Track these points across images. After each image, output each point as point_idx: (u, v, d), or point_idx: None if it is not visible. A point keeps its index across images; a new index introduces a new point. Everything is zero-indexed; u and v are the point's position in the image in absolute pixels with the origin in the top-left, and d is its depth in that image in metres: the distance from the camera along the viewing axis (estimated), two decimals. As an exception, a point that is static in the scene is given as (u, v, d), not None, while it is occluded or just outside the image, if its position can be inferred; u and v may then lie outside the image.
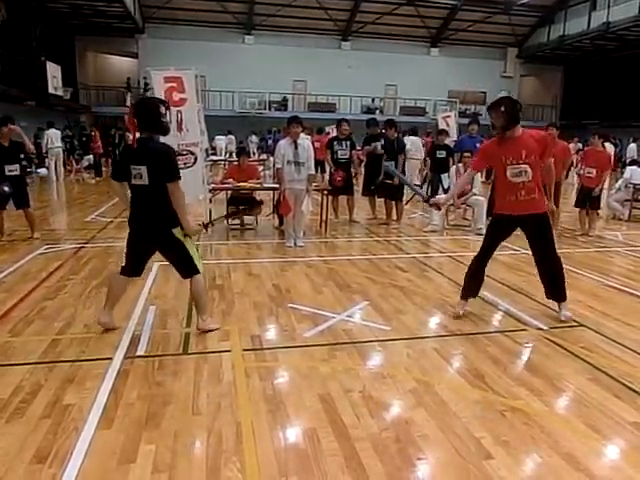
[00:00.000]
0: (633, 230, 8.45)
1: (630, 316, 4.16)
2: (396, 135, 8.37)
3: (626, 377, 3.06)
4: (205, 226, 3.60)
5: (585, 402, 2.79)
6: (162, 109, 3.38)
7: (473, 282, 4.08)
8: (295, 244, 6.54)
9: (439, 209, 4.09)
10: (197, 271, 3.50)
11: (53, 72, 16.84)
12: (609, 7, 21.62)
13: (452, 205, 8.07)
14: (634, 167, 9.86)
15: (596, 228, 7.97)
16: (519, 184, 3.73)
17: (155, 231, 3.39)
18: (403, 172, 8.32)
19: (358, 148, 9.04)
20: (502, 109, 3.65)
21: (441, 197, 4.06)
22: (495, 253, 4.10)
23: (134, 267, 3.59)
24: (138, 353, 3.28)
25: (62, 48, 20.56)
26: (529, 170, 3.69)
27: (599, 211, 8.33)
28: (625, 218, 9.33)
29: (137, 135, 3.63)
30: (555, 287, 3.97)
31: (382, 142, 8.15)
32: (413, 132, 13.10)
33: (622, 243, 7.36)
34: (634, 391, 2.90)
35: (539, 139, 3.77)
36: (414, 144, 11.94)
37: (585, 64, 26.48)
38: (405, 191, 8.57)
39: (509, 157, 3.71)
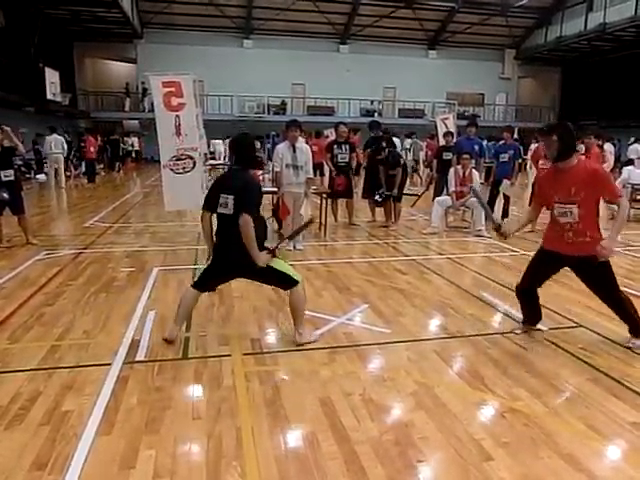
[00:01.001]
0: (632, 230, 8.45)
1: (630, 316, 4.15)
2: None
3: (625, 377, 3.06)
4: (273, 252, 3.47)
5: (585, 403, 2.79)
6: (257, 144, 3.56)
7: (527, 307, 3.75)
8: (294, 247, 6.54)
9: (506, 238, 3.71)
10: (295, 282, 3.47)
11: (51, 78, 16.88)
12: (605, 8, 21.70)
13: (451, 207, 8.10)
14: (631, 167, 9.87)
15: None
16: (566, 225, 3.33)
17: (239, 261, 3.36)
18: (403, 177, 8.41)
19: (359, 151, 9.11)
20: (554, 138, 3.22)
21: (511, 227, 3.76)
22: (494, 255, 4.09)
23: (209, 287, 3.65)
24: (137, 358, 3.27)
25: (60, 54, 20.61)
26: (575, 210, 3.24)
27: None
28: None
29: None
30: (633, 323, 3.52)
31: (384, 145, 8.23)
32: (394, 135, 13.44)
33: (621, 243, 7.35)
34: (634, 391, 2.90)
35: (597, 175, 3.26)
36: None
37: (583, 65, 26.53)
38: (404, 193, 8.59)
39: (557, 193, 3.32)
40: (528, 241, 6.94)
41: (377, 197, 8.22)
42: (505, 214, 8.64)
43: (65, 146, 14.44)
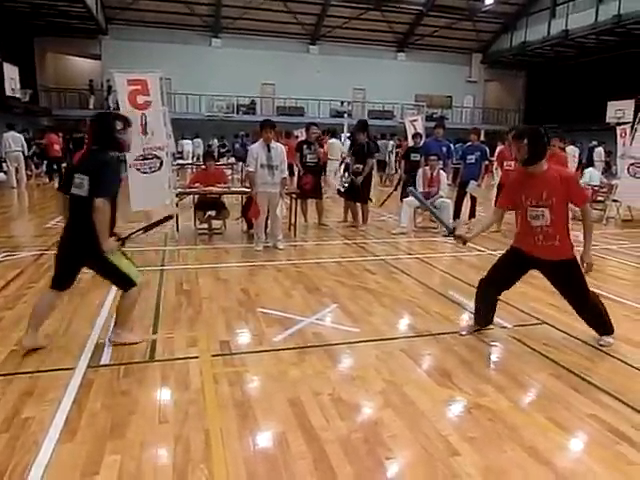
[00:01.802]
0: (593, 230, 8.73)
1: (590, 313, 4.29)
2: (366, 139, 8.42)
3: (585, 371, 3.16)
4: (122, 241, 3.35)
5: (547, 397, 2.87)
6: (119, 124, 3.26)
7: (482, 305, 3.72)
8: (275, 247, 6.56)
9: (464, 243, 3.70)
10: (132, 285, 3.35)
11: (10, 73, 16.29)
12: (567, 15, 22.38)
13: (420, 207, 8.20)
14: (592, 169, 10.22)
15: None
16: (537, 228, 3.35)
17: (84, 245, 3.20)
18: (370, 174, 8.43)
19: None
20: (525, 142, 3.23)
21: (468, 234, 3.72)
22: (461, 254, 4.16)
23: (63, 281, 3.40)
24: (102, 362, 3.20)
25: (20, 49, 19.91)
26: (547, 214, 3.28)
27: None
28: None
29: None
30: (599, 324, 3.59)
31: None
32: (333, 134, 13.74)
33: (581, 242, 7.59)
34: (594, 385, 2.99)
35: (567, 179, 3.30)
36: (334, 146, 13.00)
37: (546, 70, 27.30)
38: (372, 193, 8.65)
39: (529, 197, 3.32)
40: (494, 241, 7.10)
41: (339, 186, 8.33)
42: (472, 215, 8.81)
43: (24, 144, 13.97)
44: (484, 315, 3.75)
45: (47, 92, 23.76)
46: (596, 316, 3.54)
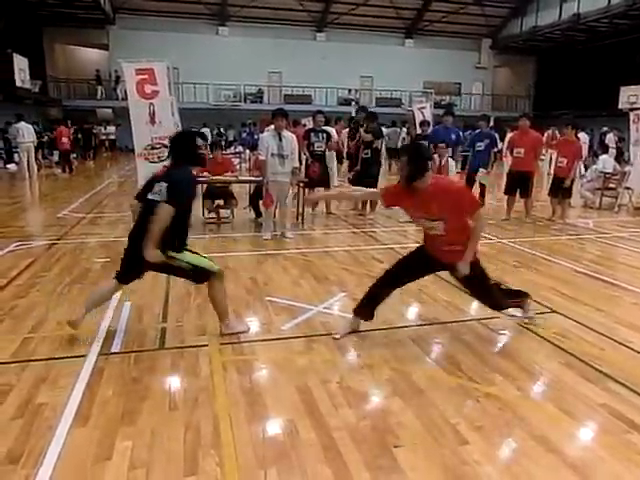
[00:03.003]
0: (603, 217, 8.66)
1: (599, 301, 4.27)
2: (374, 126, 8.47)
3: (596, 360, 3.15)
4: (167, 257, 3.26)
5: (557, 386, 2.86)
6: (200, 142, 3.38)
7: (370, 296, 3.53)
8: (283, 235, 6.57)
9: (313, 206, 3.64)
10: (208, 276, 3.33)
11: (20, 65, 16.35)
12: (579, -1, 22.00)
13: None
14: (605, 156, 10.10)
15: (568, 216, 8.17)
16: (434, 236, 3.30)
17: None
18: (379, 162, 8.46)
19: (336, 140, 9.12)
20: (404, 159, 3.17)
21: (318, 193, 3.64)
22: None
23: (128, 278, 3.47)
24: (113, 349, 3.23)
25: (29, 40, 19.95)
26: (441, 225, 3.20)
27: (570, 200, 8.55)
28: (596, 206, 9.55)
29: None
30: (503, 305, 3.62)
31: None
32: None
33: (593, 230, 7.53)
34: (603, 374, 2.98)
35: (453, 192, 3.19)
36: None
37: (557, 55, 26.89)
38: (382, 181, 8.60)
39: (418, 211, 3.28)
40: (503, 229, 7.06)
41: (350, 175, 8.39)
42: (482, 203, 8.75)
43: (34, 134, 14.05)
44: (368, 307, 3.54)
45: (56, 83, 23.86)
46: (498, 302, 3.55)
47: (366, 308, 3.54)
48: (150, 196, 3.20)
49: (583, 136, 13.04)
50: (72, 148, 15.74)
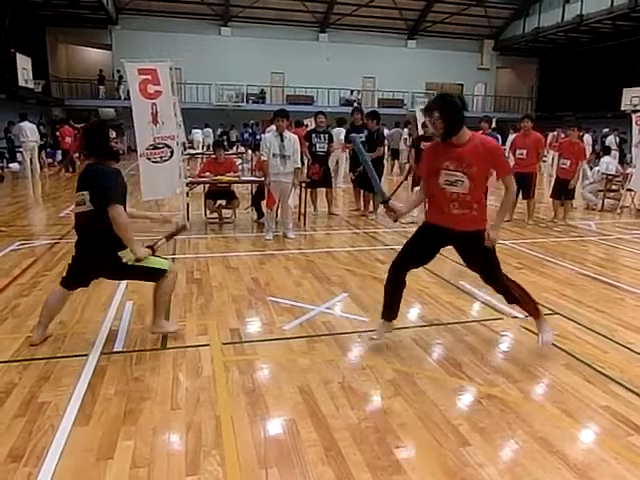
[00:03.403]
0: (606, 219, 8.65)
1: (602, 303, 4.26)
2: (377, 127, 8.35)
3: (598, 362, 3.14)
4: (152, 248, 3.25)
5: (559, 388, 2.86)
6: (112, 133, 3.14)
7: (390, 293, 3.39)
8: (285, 236, 6.57)
9: (395, 220, 3.43)
10: (163, 272, 3.23)
11: (23, 64, 16.38)
12: (582, 0, 21.95)
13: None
14: (609, 159, 10.08)
15: (570, 218, 8.17)
16: (452, 194, 3.09)
17: (101, 260, 3.11)
18: (381, 164, 8.34)
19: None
20: (436, 115, 2.96)
21: (402, 206, 3.38)
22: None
23: (74, 284, 3.34)
24: (115, 349, 3.24)
25: (32, 39, 19.99)
26: (466, 182, 3.02)
27: (573, 201, 8.55)
28: (598, 208, 9.54)
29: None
30: (511, 297, 3.36)
31: (365, 133, 8.17)
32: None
33: (595, 232, 7.52)
34: (605, 376, 2.98)
35: (492, 148, 3.07)
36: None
37: (560, 56, 26.87)
38: (385, 182, 8.60)
39: (447, 164, 3.06)
40: (505, 231, 7.05)
41: (352, 176, 8.37)
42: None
43: (37, 134, 14.09)
44: (396, 307, 3.42)
45: (59, 82, 23.89)
46: (507, 288, 3.30)
47: (392, 306, 3.40)
48: (76, 210, 3.11)
49: (587, 137, 13.02)
50: (75, 147, 15.77)
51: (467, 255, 3.30)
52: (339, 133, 11.85)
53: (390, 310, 3.41)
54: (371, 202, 8.43)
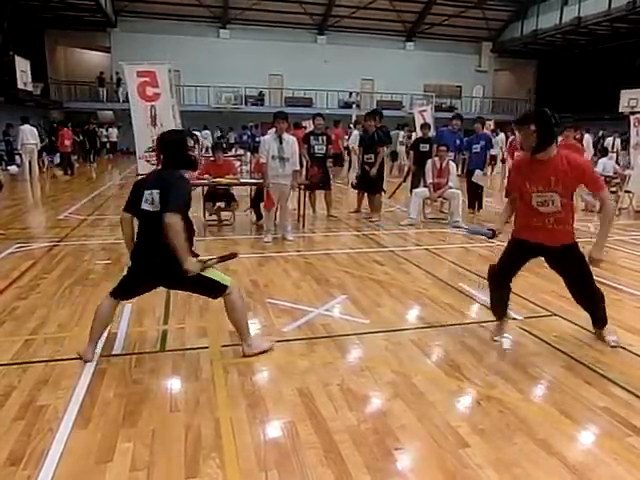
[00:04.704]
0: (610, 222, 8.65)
1: (601, 304, 4.26)
2: (376, 127, 8.11)
3: (597, 364, 3.15)
4: (204, 264, 3.05)
5: (558, 389, 2.86)
6: (190, 142, 3.08)
7: (497, 295, 3.52)
8: (284, 238, 6.57)
9: (494, 236, 3.51)
10: (224, 288, 3.07)
11: (22, 67, 16.40)
12: (580, 2, 22.03)
13: (429, 198, 8.16)
14: (605, 160, 10.11)
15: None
16: (544, 213, 3.13)
17: (163, 267, 2.94)
18: (381, 165, 8.22)
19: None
20: (532, 128, 2.96)
21: (499, 226, 3.51)
22: (471, 245, 4.12)
23: (127, 295, 3.25)
24: (114, 351, 3.23)
25: (31, 42, 20.02)
26: (558, 200, 3.05)
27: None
28: (597, 210, 9.53)
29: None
30: (598, 312, 3.44)
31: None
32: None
33: (593, 234, 7.52)
34: (604, 377, 2.98)
35: (579, 165, 3.05)
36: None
37: (558, 58, 26.94)
38: (385, 184, 8.59)
39: (535, 183, 3.09)
40: (505, 232, 7.04)
41: (352, 182, 8.34)
42: (479, 205, 8.76)
43: (37, 137, 14.10)
44: (500, 305, 3.55)
45: (58, 85, 23.91)
46: (599, 308, 3.41)
47: (500, 305, 3.54)
48: (145, 207, 2.96)
49: (588, 138, 12.95)
50: (73, 150, 15.79)
51: (560, 268, 3.35)
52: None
53: (500, 308, 3.55)
54: (372, 203, 8.39)
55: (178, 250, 2.82)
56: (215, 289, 3.07)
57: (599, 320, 3.48)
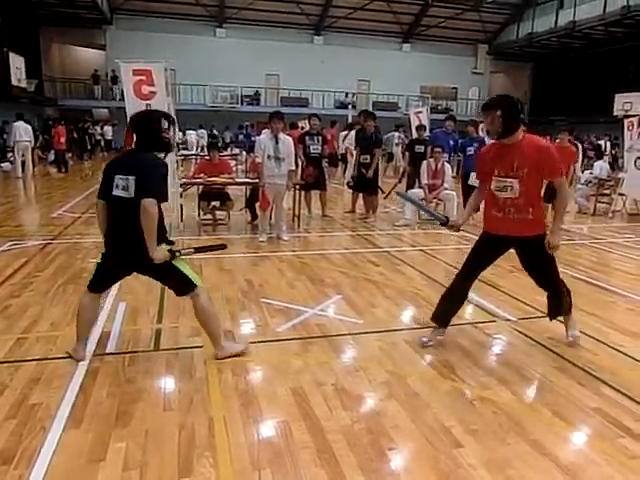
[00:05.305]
0: (597, 223, 8.71)
1: (593, 306, 4.29)
2: (374, 128, 8.22)
3: (589, 365, 3.17)
4: (173, 253, 2.95)
5: (551, 390, 2.87)
6: (165, 123, 2.94)
7: (447, 302, 3.43)
8: (279, 238, 6.58)
9: (458, 230, 3.48)
10: (193, 286, 3.01)
11: (17, 63, 16.31)
12: (575, 6, 22.15)
13: (424, 200, 8.17)
14: (600, 162, 10.16)
15: (562, 222, 8.21)
16: (506, 200, 3.10)
17: (134, 253, 2.84)
18: (377, 165, 8.29)
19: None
20: (498, 113, 2.99)
21: (458, 219, 3.49)
22: (465, 246, 4.14)
23: (102, 285, 3.15)
24: (108, 350, 3.22)
25: (26, 39, 19.90)
26: (516, 185, 3.03)
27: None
28: (590, 212, 9.60)
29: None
30: (559, 305, 3.46)
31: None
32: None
33: (587, 236, 7.58)
34: (597, 378, 3.00)
35: (543, 149, 3.05)
36: None
37: (553, 61, 27.08)
38: (380, 185, 8.61)
39: (497, 167, 3.09)
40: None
41: (348, 181, 8.33)
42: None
43: (31, 134, 14.02)
44: (446, 313, 3.45)
45: (52, 82, 23.77)
46: (561, 301, 3.42)
47: (446, 314, 3.43)
48: (117, 193, 2.83)
49: (603, 144, 13.04)
50: (68, 148, 15.71)
51: (525, 260, 3.33)
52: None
53: (444, 317, 3.43)
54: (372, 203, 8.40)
55: (147, 237, 2.75)
56: (184, 285, 3.02)
57: (554, 310, 3.48)
